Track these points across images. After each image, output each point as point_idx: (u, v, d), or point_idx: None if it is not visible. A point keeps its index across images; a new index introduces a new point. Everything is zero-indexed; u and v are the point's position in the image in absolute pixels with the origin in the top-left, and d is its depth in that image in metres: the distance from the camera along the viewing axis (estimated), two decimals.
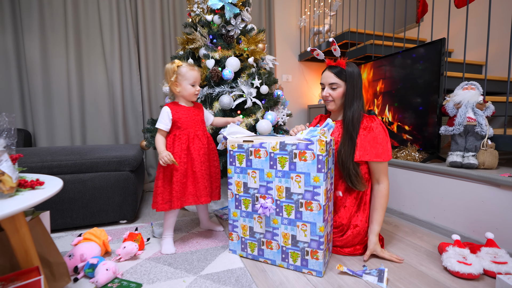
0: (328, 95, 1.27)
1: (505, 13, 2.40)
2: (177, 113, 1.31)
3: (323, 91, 1.29)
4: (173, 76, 1.28)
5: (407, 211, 1.69)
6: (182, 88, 1.30)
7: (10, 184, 0.73)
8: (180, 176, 1.28)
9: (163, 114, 1.30)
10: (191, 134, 1.32)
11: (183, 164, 1.29)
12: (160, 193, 1.29)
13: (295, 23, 3.38)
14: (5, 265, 0.85)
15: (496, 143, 1.41)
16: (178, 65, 1.29)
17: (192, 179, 1.30)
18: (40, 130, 2.37)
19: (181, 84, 1.30)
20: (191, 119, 1.34)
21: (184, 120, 1.32)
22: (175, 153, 1.28)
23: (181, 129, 1.31)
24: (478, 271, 1.05)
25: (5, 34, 2.27)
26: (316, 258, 1.08)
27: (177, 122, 1.31)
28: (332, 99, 1.27)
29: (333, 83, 1.25)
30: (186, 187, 1.29)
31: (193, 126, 1.34)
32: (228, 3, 1.81)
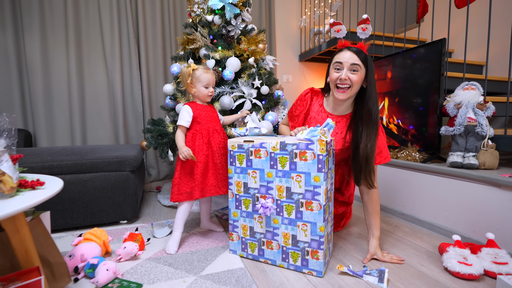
0: (347, 78, 1.05)
1: (506, 14, 2.40)
2: (197, 110, 1.39)
3: (340, 73, 1.06)
4: (188, 78, 1.37)
5: (408, 212, 1.69)
6: (196, 89, 1.38)
7: (10, 184, 0.73)
8: (202, 167, 1.33)
9: (183, 112, 1.37)
10: (211, 129, 1.39)
11: (205, 156, 1.35)
12: (176, 184, 1.36)
13: (295, 23, 3.38)
14: (6, 265, 0.85)
15: (497, 143, 1.41)
16: (194, 69, 1.37)
17: (213, 171, 1.36)
18: (40, 130, 2.37)
19: (195, 86, 1.38)
20: (209, 116, 1.41)
21: (203, 116, 1.39)
22: (197, 146, 1.35)
23: (201, 124, 1.38)
24: (479, 271, 1.04)
25: (6, 34, 2.27)
26: (317, 258, 1.08)
27: (197, 118, 1.38)
28: (350, 84, 1.07)
29: (356, 64, 1.04)
30: (207, 178, 1.35)
31: (211, 121, 1.41)
32: (228, 3, 1.81)
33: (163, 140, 1.88)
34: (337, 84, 1.09)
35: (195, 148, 1.35)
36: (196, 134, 1.37)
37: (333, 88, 1.11)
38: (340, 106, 1.18)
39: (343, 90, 1.08)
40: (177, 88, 1.93)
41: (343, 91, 1.08)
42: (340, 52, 1.10)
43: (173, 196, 1.36)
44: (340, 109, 1.19)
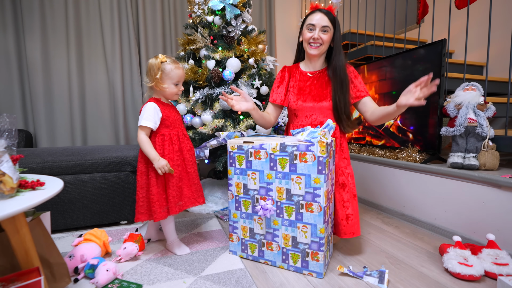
0: (319, 38, 1.23)
1: (506, 14, 2.40)
2: (165, 111, 1.21)
3: (312, 33, 1.23)
4: (158, 73, 1.18)
5: (408, 212, 1.69)
6: (164, 86, 1.21)
7: (10, 185, 0.73)
8: (176, 180, 1.21)
9: (150, 110, 1.17)
10: (180, 134, 1.25)
11: (177, 166, 1.21)
12: (157, 201, 1.19)
13: (295, 24, 3.38)
14: (6, 265, 0.85)
15: (497, 144, 1.41)
16: (162, 61, 1.18)
17: (187, 181, 1.25)
18: (41, 130, 2.37)
19: (164, 82, 1.20)
20: (177, 118, 1.26)
21: (172, 118, 1.23)
22: (167, 155, 1.20)
23: (170, 128, 1.22)
24: (479, 272, 1.04)
25: (7, 35, 2.28)
26: (317, 259, 1.08)
27: (165, 121, 1.20)
28: (321, 43, 1.24)
29: (326, 26, 1.22)
30: (182, 191, 1.23)
31: (180, 125, 1.27)
32: (229, 4, 1.81)
33: None
34: (310, 42, 1.25)
35: (166, 157, 1.19)
36: (165, 140, 1.20)
37: (306, 45, 1.27)
38: (315, 63, 1.32)
39: (316, 47, 1.24)
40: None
41: (316, 47, 1.24)
42: (312, 14, 1.25)
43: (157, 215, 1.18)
44: (316, 65, 1.33)
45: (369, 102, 1.29)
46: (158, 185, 1.20)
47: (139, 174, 1.23)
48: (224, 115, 1.78)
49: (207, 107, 1.81)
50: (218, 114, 1.75)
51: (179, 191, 1.23)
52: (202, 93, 1.81)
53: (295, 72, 1.38)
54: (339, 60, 1.25)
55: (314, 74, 1.32)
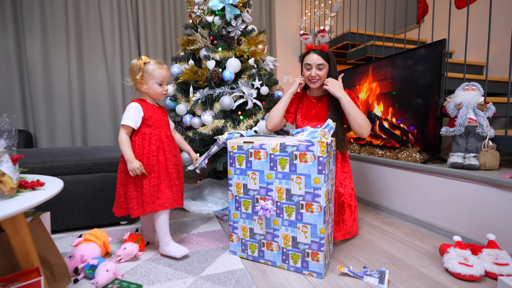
0: (316, 75, 1.43)
1: (506, 14, 2.40)
2: (148, 111, 1.22)
3: (309, 71, 1.44)
4: (138, 73, 1.20)
5: (408, 212, 1.68)
6: (148, 86, 1.23)
7: (10, 185, 0.73)
8: (153, 179, 1.20)
9: (131, 110, 1.19)
10: (163, 134, 1.26)
11: (153, 167, 1.21)
12: (134, 198, 1.21)
13: (295, 24, 3.38)
14: (5, 266, 0.85)
15: (497, 144, 1.41)
16: (145, 62, 1.20)
17: (167, 181, 1.24)
18: (41, 131, 2.37)
19: (147, 82, 1.22)
20: (161, 119, 1.27)
21: (155, 118, 1.24)
22: (145, 154, 1.20)
23: (151, 128, 1.23)
24: (480, 272, 1.04)
25: (7, 35, 2.28)
26: (317, 260, 1.08)
27: (147, 120, 1.22)
28: (319, 78, 1.44)
29: (321, 63, 1.41)
30: (160, 190, 1.22)
31: (163, 126, 1.27)
32: (228, 4, 1.81)
33: None
34: (310, 79, 1.46)
35: (144, 156, 1.20)
36: (145, 139, 1.21)
37: (307, 81, 1.49)
38: (317, 91, 1.54)
39: (314, 82, 1.45)
40: (177, 88, 1.94)
41: (314, 82, 1.46)
42: (308, 54, 1.45)
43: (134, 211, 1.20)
44: (318, 92, 1.54)
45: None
46: (136, 183, 1.22)
47: (119, 172, 1.26)
48: (224, 115, 1.78)
49: (207, 108, 1.81)
50: (218, 114, 1.75)
51: (155, 189, 1.21)
52: (202, 93, 1.81)
53: (303, 97, 1.59)
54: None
55: (317, 99, 1.53)
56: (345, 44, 2.79)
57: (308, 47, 1.47)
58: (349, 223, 1.38)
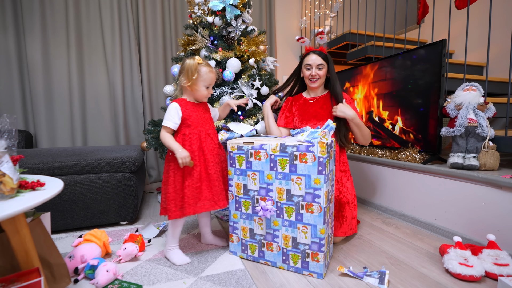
0: (316, 74, 1.47)
1: (506, 14, 2.40)
2: (187, 110, 1.21)
3: (309, 71, 1.48)
4: (195, 74, 1.19)
5: (408, 213, 1.68)
6: (197, 88, 1.22)
7: (11, 185, 0.73)
8: (194, 180, 1.19)
9: (171, 111, 1.19)
10: (203, 133, 1.23)
11: (197, 166, 1.20)
12: (172, 199, 1.19)
13: (295, 24, 3.38)
14: (6, 266, 0.85)
15: (497, 144, 1.41)
16: (199, 63, 1.21)
17: (207, 182, 1.21)
18: (41, 131, 2.38)
19: (197, 84, 1.22)
20: (201, 117, 1.25)
21: (194, 117, 1.22)
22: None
23: (191, 128, 1.21)
24: (480, 273, 1.04)
25: (7, 35, 2.28)
26: (317, 260, 1.08)
27: (187, 120, 1.21)
28: (319, 77, 1.48)
29: (320, 64, 1.46)
30: (201, 192, 1.20)
31: (203, 124, 1.25)
32: (229, 4, 1.81)
33: None
34: (310, 78, 1.50)
35: None
36: (186, 140, 1.20)
37: (308, 81, 1.52)
38: (316, 91, 1.57)
39: (314, 81, 1.50)
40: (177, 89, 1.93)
41: (315, 81, 1.50)
42: (307, 55, 1.50)
43: (172, 213, 1.18)
44: (317, 93, 1.57)
45: None
46: (175, 184, 1.20)
47: (164, 172, 1.26)
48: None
49: None
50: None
51: (197, 192, 1.20)
52: None
53: (298, 99, 1.60)
54: (336, 88, 1.48)
55: (314, 100, 1.55)
56: (345, 44, 2.79)
57: (307, 49, 1.52)
58: (349, 220, 1.37)
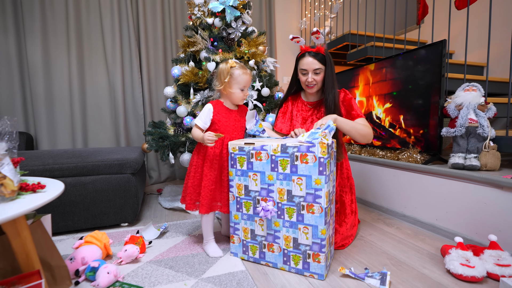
0: (313, 80, 1.34)
1: (506, 14, 2.40)
2: (219, 114, 1.26)
3: (306, 76, 1.35)
4: (227, 77, 1.23)
5: (409, 213, 1.68)
6: (232, 90, 1.25)
7: (11, 188, 0.73)
8: (209, 182, 1.26)
9: (204, 111, 1.26)
10: (226, 140, 1.28)
11: (215, 170, 1.26)
12: (189, 193, 1.29)
13: (295, 25, 3.39)
14: (6, 268, 0.85)
15: (498, 144, 1.41)
16: (232, 66, 1.24)
17: (219, 187, 1.28)
18: (42, 133, 2.38)
19: (231, 86, 1.25)
20: (231, 124, 1.29)
21: (224, 122, 1.27)
22: (207, 156, 1.26)
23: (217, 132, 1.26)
24: (482, 274, 1.04)
25: (8, 37, 2.29)
26: (318, 261, 1.08)
27: (215, 124, 1.26)
28: (316, 83, 1.35)
29: (317, 68, 1.32)
30: (215, 195, 1.28)
31: (231, 131, 1.29)
32: (229, 6, 1.82)
33: (164, 142, 1.89)
34: (306, 84, 1.37)
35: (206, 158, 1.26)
36: None
37: (304, 86, 1.40)
38: (314, 96, 1.46)
39: (311, 87, 1.37)
40: (177, 90, 1.94)
41: (312, 87, 1.37)
42: (302, 57, 1.34)
43: (187, 204, 1.30)
44: (315, 97, 1.47)
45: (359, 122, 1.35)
46: (194, 180, 1.29)
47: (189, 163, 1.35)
48: None
49: None
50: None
51: (211, 194, 1.27)
52: (202, 95, 1.81)
53: (297, 101, 1.50)
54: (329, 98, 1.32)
55: (313, 106, 1.46)
56: (345, 45, 2.79)
57: (302, 49, 1.36)
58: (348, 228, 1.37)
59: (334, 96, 1.32)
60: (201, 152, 1.29)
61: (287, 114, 1.50)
